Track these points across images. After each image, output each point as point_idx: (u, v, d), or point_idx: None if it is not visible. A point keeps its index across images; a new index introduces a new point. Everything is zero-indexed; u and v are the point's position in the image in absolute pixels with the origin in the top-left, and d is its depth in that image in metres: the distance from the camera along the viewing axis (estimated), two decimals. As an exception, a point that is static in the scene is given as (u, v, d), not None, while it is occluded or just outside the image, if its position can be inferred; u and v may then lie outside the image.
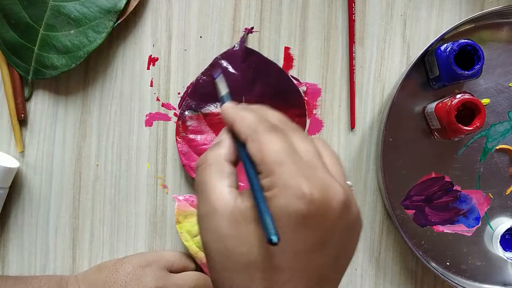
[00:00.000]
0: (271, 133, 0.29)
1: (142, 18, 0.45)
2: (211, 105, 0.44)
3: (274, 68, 0.44)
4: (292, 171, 0.27)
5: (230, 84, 0.43)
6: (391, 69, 0.45)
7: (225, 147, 0.31)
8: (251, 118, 0.30)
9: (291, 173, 0.27)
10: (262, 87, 0.44)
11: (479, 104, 0.40)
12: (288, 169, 0.27)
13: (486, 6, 0.46)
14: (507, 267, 0.45)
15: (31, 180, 0.45)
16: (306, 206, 0.26)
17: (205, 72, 0.44)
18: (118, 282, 0.41)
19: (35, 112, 0.45)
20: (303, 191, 0.26)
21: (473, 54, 0.40)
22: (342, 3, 0.45)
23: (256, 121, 0.30)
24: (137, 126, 0.45)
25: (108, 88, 0.45)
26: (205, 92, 0.44)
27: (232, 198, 0.28)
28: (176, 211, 0.43)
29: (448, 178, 0.44)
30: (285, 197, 0.26)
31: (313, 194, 0.26)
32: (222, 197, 0.28)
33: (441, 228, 0.45)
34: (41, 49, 0.43)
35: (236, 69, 0.44)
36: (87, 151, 0.45)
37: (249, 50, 0.44)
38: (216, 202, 0.28)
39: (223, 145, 0.31)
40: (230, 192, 0.29)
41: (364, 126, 0.45)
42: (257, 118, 0.30)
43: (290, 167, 0.27)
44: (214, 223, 0.28)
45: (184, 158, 0.44)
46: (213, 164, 0.30)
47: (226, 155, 0.31)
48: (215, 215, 0.28)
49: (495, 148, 0.45)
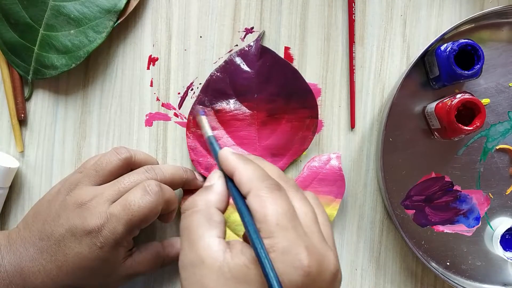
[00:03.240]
0: (275, 193, 0.28)
1: (142, 18, 0.45)
2: (223, 102, 0.44)
3: (288, 68, 0.44)
4: (293, 238, 0.26)
5: (243, 82, 0.43)
6: (391, 69, 0.45)
7: (217, 194, 0.30)
8: (254, 172, 0.29)
9: (292, 241, 0.26)
10: (276, 86, 0.44)
11: (479, 104, 0.40)
12: (290, 235, 0.26)
13: (486, 6, 0.46)
14: (507, 267, 0.45)
15: (31, 180, 0.45)
16: (302, 278, 0.26)
17: (219, 69, 0.44)
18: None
19: (35, 112, 0.45)
20: (302, 262, 0.26)
21: (473, 54, 0.40)
22: (342, 3, 0.45)
23: (259, 176, 0.29)
24: (137, 126, 0.45)
25: (108, 88, 0.45)
26: (217, 88, 0.44)
27: (220, 251, 0.27)
28: (181, 202, 0.43)
29: (448, 178, 0.44)
30: (283, 264, 0.26)
31: (311, 266, 0.26)
32: (210, 249, 0.27)
33: (441, 228, 0.45)
34: (41, 49, 0.43)
35: (250, 67, 0.44)
36: (87, 151, 0.45)
37: (264, 49, 0.44)
38: (203, 253, 0.27)
39: (215, 191, 0.30)
40: (219, 243, 0.28)
41: (364, 126, 0.45)
42: (260, 172, 0.29)
43: (292, 234, 0.27)
44: (200, 275, 0.27)
45: (193, 153, 0.44)
46: (202, 211, 0.29)
47: (217, 202, 0.30)
48: (201, 267, 0.27)
49: (495, 148, 0.45)
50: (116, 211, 0.35)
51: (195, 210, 0.29)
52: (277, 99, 0.44)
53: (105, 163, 0.38)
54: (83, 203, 0.36)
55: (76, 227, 0.35)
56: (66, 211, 0.36)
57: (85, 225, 0.35)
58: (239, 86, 0.44)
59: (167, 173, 0.39)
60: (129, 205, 0.35)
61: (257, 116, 0.44)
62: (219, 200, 0.30)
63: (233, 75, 0.44)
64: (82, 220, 0.35)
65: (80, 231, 0.35)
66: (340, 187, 0.44)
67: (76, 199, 0.37)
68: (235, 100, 0.44)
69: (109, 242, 0.35)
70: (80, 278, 0.36)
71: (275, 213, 0.27)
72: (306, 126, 0.44)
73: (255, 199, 0.28)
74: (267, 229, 0.27)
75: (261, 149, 0.44)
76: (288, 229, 0.27)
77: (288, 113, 0.44)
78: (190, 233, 0.29)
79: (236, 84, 0.44)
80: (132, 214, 0.35)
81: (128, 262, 0.38)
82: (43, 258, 0.36)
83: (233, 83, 0.43)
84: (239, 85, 0.44)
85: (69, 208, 0.36)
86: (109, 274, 0.37)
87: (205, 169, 0.44)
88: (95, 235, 0.35)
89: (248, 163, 0.30)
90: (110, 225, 0.35)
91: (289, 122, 0.44)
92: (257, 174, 0.29)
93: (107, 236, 0.35)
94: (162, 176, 0.39)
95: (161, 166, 0.40)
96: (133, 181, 0.37)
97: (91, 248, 0.35)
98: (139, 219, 0.36)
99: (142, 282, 0.44)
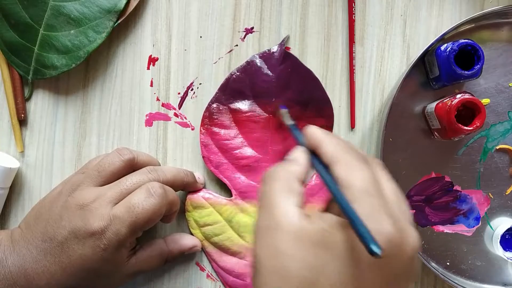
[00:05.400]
0: (360, 162, 0.28)
1: (142, 18, 0.45)
2: (240, 102, 0.44)
3: (309, 75, 0.44)
4: (378, 204, 0.26)
5: (262, 85, 0.43)
6: (391, 69, 0.45)
7: (301, 166, 0.30)
8: (340, 144, 0.29)
9: (376, 206, 0.26)
10: (294, 93, 0.44)
11: (479, 104, 0.40)
12: (375, 201, 0.26)
13: (486, 6, 0.46)
14: (507, 267, 0.45)
15: (31, 180, 0.45)
16: (384, 244, 0.25)
17: (240, 68, 0.44)
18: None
19: (35, 112, 0.45)
20: (384, 228, 0.25)
21: (473, 54, 0.40)
22: (342, 3, 0.45)
23: (347, 147, 0.29)
24: (137, 126, 0.45)
25: (108, 88, 0.45)
26: (236, 88, 0.44)
27: (298, 217, 0.27)
28: (187, 201, 0.44)
29: (448, 178, 0.44)
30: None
31: (393, 234, 0.25)
32: (288, 214, 0.27)
33: (441, 228, 0.45)
34: (41, 49, 0.43)
35: (271, 70, 0.44)
36: (87, 151, 0.45)
37: (288, 54, 0.44)
38: (281, 218, 0.27)
39: (298, 163, 0.30)
40: (297, 211, 0.27)
41: (364, 126, 0.45)
42: (346, 145, 0.29)
43: (377, 200, 0.26)
44: (275, 239, 0.27)
45: (205, 150, 0.44)
46: (284, 180, 0.29)
47: (300, 174, 0.30)
48: (277, 230, 0.27)
49: (495, 148, 0.45)
50: (120, 213, 0.35)
51: (277, 178, 0.29)
52: (294, 105, 0.44)
53: (108, 164, 0.38)
54: (85, 204, 0.36)
55: (78, 229, 0.35)
56: (68, 213, 0.36)
57: (88, 227, 0.35)
58: (258, 88, 0.44)
59: (169, 175, 0.39)
60: (133, 207, 0.35)
61: (272, 120, 0.44)
62: (301, 172, 0.30)
63: (253, 76, 0.44)
64: (85, 222, 0.35)
65: (83, 233, 0.35)
66: None
67: (78, 200, 0.36)
68: (252, 101, 0.44)
69: (113, 243, 0.35)
70: (85, 279, 0.36)
71: (361, 180, 0.27)
72: None
73: (342, 167, 0.28)
74: (353, 194, 0.26)
75: (272, 153, 0.44)
76: (373, 196, 0.26)
77: (303, 120, 0.44)
78: (269, 199, 0.28)
79: (256, 86, 0.43)
80: (136, 216, 0.35)
81: (131, 261, 0.38)
82: (47, 260, 0.36)
83: (252, 85, 0.43)
84: (258, 87, 0.44)
85: (71, 209, 0.36)
86: (113, 274, 0.37)
87: (215, 166, 0.44)
88: (98, 237, 0.35)
89: (334, 137, 0.31)
90: (114, 227, 0.35)
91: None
92: (342, 146, 0.29)
93: (111, 238, 0.35)
94: (164, 178, 0.39)
95: (163, 168, 0.40)
96: (135, 183, 0.37)
97: (95, 250, 0.35)
98: (143, 221, 0.36)
99: (142, 279, 0.44)
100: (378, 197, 0.26)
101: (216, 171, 0.44)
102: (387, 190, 0.28)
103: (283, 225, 0.27)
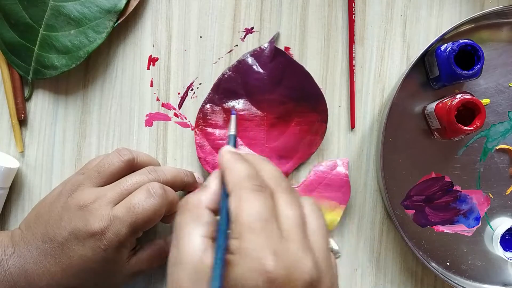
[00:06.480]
0: (254, 193, 0.27)
1: (142, 18, 0.45)
2: (233, 101, 0.44)
3: (301, 71, 0.44)
4: (261, 241, 0.25)
5: (255, 83, 0.43)
6: (391, 69, 0.45)
7: (209, 193, 0.30)
8: (242, 171, 0.29)
9: (259, 244, 0.25)
10: (287, 89, 0.44)
11: (479, 104, 0.40)
12: (257, 238, 0.26)
13: (486, 6, 0.46)
14: (507, 267, 0.45)
15: (31, 180, 0.45)
16: (264, 284, 0.24)
17: (231, 68, 0.44)
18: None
19: (35, 112, 0.45)
20: (265, 267, 0.25)
21: (473, 54, 0.40)
22: (342, 3, 0.45)
23: (245, 176, 0.28)
24: (137, 126, 0.45)
25: (108, 88, 0.45)
26: (229, 87, 0.44)
27: (200, 251, 0.27)
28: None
29: (448, 178, 0.44)
30: (244, 268, 0.25)
31: (276, 272, 0.25)
32: (190, 248, 0.27)
33: (441, 228, 0.45)
34: (41, 49, 0.43)
35: (263, 68, 0.44)
36: (87, 151, 0.45)
37: (278, 51, 0.44)
38: (183, 252, 0.27)
39: (208, 190, 0.30)
40: (201, 243, 0.27)
41: (364, 126, 0.45)
42: (248, 173, 0.29)
43: (260, 237, 0.26)
44: (177, 274, 0.27)
45: (201, 151, 0.44)
46: (192, 210, 0.29)
47: (208, 202, 0.29)
48: (179, 266, 0.27)
49: (495, 148, 0.45)
50: (120, 214, 0.35)
51: (186, 208, 0.29)
52: (288, 101, 0.44)
53: (107, 164, 0.38)
54: (86, 205, 0.36)
55: (79, 230, 0.35)
56: (68, 214, 0.36)
57: (88, 227, 0.35)
58: (250, 86, 0.44)
59: (169, 175, 0.39)
60: (133, 208, 0.35)
61: (266, 118, 0.44)
62: (211, 200, 0.29)
63: (245, 75, 0.43)
64: (85, 222, 0.35)
65: (83, 234, 0.35)
66: (345, 193, 0.44)
67: (78, 201, 0.36)
68: (245, 100, 0.44)
69: (113, 244, 0.35)
70: (85, 279, 0.36)
71: (247, 215, 0.26)
72: (314, 130, 0.44)
73: (233, 198, 0.28)
74: (236, 229, 0.26)
75: (268, 151, 0.44)
76: (257, 232, 0.26)
77: (297, 116, 0.44)
78: (177, 230, 0.28)
79: (248, 84, 0.43)
80: (136, 217, 0.35)
81: (132, 261, 0.38)
82: (47, 261, 0.36)
83: (244, 83, 0.43)
84: (250, 85, 0.44)
85: (71, 210, 0.36)
86: (113, 274, 0.37)
87: (212, 168, 0.44)
88: (99, 237, 0.35)
89: (241, 163, 0.30)
90: (114, 227, 0.35)
91: (298, 125, 0.44)
92: (244, 174, 0.29)
93: (111, 239, 0.35)
94: (164, 178, 0.39)
95: (162, 168, 0.40)
96: (135, 183, 0.37)
97: (95, 251, 0.35)
98: (143, 221, 0.36)
99: (142, 279, 0.44)
100: (262, 231, 0.26)
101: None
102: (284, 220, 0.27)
103: (184, 260, 0.27)
